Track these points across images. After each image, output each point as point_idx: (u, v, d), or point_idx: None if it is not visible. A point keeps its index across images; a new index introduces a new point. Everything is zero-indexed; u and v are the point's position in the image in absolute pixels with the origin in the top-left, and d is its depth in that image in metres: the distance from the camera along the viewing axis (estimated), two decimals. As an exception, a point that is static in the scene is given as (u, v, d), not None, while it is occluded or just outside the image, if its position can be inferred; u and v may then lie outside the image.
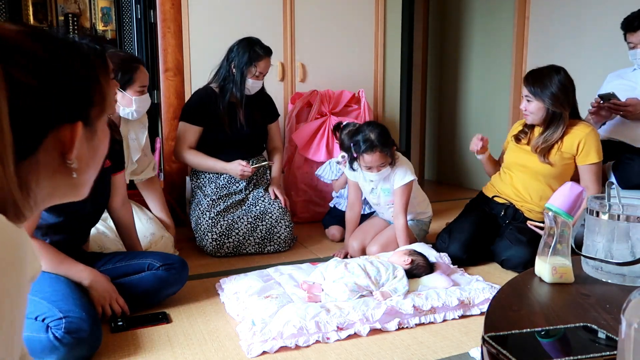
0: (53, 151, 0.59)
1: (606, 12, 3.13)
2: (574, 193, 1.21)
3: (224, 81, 2.58)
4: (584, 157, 2.26)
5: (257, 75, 2.57)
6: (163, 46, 3.02)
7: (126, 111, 2.15)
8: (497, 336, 0.81)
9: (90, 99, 0.63)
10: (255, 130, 2.71)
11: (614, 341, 0.80)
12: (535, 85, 2.23)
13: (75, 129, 0.60)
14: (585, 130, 2.24)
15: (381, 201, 2.50)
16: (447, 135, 4.64)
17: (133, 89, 2.10)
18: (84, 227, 1.86)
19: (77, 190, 0.65)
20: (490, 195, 2.47)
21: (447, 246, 2.32)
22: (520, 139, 2.39)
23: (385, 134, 2.30)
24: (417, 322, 1.73)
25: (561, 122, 2.22)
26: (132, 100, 2.12)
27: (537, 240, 2.13)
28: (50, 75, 0.57)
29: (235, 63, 2.55)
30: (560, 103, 2.20)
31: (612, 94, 2.45)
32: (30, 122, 0.55)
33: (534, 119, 2.29)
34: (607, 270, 1.15)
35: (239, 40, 2.58)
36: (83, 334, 1.43)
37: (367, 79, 3.59)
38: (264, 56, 2.56)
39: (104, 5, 4.87)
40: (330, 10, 3.43)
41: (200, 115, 2.57)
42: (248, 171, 2.54)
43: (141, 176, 2.43)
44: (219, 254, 2.49)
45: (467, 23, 4.30)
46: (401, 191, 2.36)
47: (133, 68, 2.08)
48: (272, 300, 1.76)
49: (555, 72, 2.23)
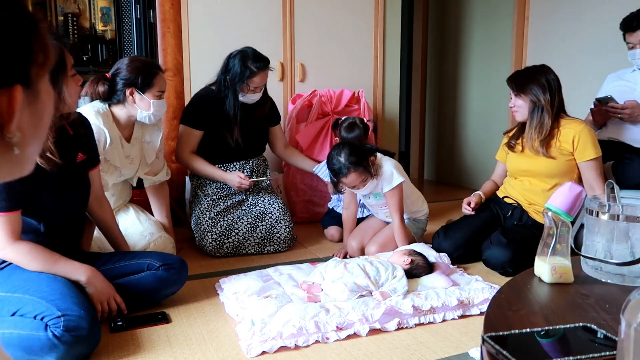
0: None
1: (605, 12, 3.13)
2: (573, 193, 1.22)
3: (220, 93, 2.56)
4: (581, 153, 2.24)
5: (253, 90, 2.54)
6: (162, 46, 3.02)
7: (143, 114, 2.18)
8: (497, 336, 0.81)
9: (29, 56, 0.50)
10: (255, 135, 2.70)
11: (613, 341, 0.80)
12: (517, 81, 2.31)
13: (13, 94, 0.48)
14: (578, 127, 2.23)
15: (374, 204, 2.50)
16: (446, 135, 4.64)
17: (152, 93, 2.15)
18: (71, 226, 1.82)
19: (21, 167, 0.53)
20: (501, 196, 2.49)
21: (439, 243, 2.37)
22: (513, 146, 2.40)
23: (355, 152, 2.23)
24: (417, 322, 1.73)
25: (544, 113, 2.24)
26: (151, 104, 2.16)
27: (519, 243, 2.17)
28: None
29: (229, 78, 2.51)
30: (539, 96, 2.24)
31: (610, 98, 2.45)
32: None
33: (522, 115, 2.31)
34: (606, 270, 1.15)
35: (234, 54, 2.52)
36: (82, 332, 1.43)
37: (366, 79, 3.59)
38: (257, 72, 2.48)
39: (103, 5, 4.87)
40: (330, 10, 3.43)
41: (200, 119, 2.57)
42: (245, 184, 2.54)
43: (155, 179, 2.44)
44: (219, 254, 2.49)
45: (466, 23, 4.30)
46: (391, 194, 2.34)
47: (154, 73, 2.15)
48: (271, 300, 1.76)
49: (535, 70, 2.30)
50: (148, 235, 2.29)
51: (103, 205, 1.97)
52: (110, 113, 2.17)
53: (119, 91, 2.13)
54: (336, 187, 2.38)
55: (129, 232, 2.26)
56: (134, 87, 2.12)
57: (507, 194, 2.46)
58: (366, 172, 2.25)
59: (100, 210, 1.95)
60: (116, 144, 2.16)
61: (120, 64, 2.16)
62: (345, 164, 2.20)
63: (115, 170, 2.21)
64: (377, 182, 2.33)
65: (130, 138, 2.27)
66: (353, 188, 2.32)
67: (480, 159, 4.22)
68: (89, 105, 2.15)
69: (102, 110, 2.14)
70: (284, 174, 3.22)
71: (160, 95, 2.19)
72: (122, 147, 2.21)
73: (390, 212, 2.38)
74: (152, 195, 2.51)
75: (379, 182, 2.34)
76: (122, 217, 2.31)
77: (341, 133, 2.73)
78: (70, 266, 1.64)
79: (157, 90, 2.16)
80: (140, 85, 2.12)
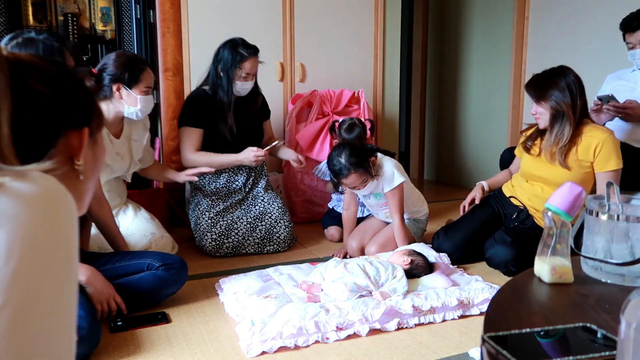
0: (64, 155, 0.70)
1: (605, 12, 3.13)
2: (573, 193, 1.21)
3: (214, 86, 2.56)
4: (601, 163, 2.13)
5: (245, 76, 2.54)
6: (162, 46, 3.02)
7: (131, 110, 2.16)
8: (497, 336, 0.81)
9: (92, 110, 0.75)
10: (251, 130, 2.71)
11: (613, 341, 0.80)
12: (536, 88, 2.20)
13: (82, 133, 0.71)
14: (602, 135, 2.12)
15: (374, 204, 2.50)
16: (446, 135, 4.64)
17: (139, 89, 2.13)
18: None
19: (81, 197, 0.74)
20: (508, 195, 2.43)
21: (440, 243, 2.36)
22: (529, 148, 2.31)
23: (355, 153, 2.23)
24: (417, 322, 1.73)
25: (565, 121, 2.13)
26: (137, 100, 2.14)
27: (523, 242, 2.15)
28: (59, 85, 0.69)
29: (221, 67, 2.52)
30: (559, 101, 2.13)
31: (611, 96, 2.45)
32: (45, 125, 0.66)
33: (544, 122, 2.20)
34: (606, 270, 1.15)
35: (223, 43, 2.56)
36: (82, 332, 1.44)
37: (366, 79, 3.59)
38: (248, 57, 2.51)
39: (103, 5, 4.87)
40: (330, 10, 3.43)
41: (198, 117, 2.57)
42: (261, 155, 2.51)
43: (143, 165, 2.47)
44: (219, 254, 2.49)
45: (466, 23, 4.31)
46: (392, 194, 2.34)
47: (140, 68, 2.14)
48: (271, 300, 1.76)
49: (556, 73, 2.18)
50: (149, 235, 2.30)
51: (102, 205, 1.97)
52: None
53: (105, 87, 2.11)
54: (336, 187, 2.38)
55: (130, 231, 2.26)
56: (120, 83, 2.10)
57: (514, 195, 2.40)
58: (366, 173, 2.25)
59: (100, 210, 1.95)
60: (105, 141, 2.15)
61: (107, 59, 2.13)
62: (346, 165, 2.20)
63: (107, 167, 2.20)
64: (377, 182, 2.33)
65: (120, 135, 2.26)
66: (353, 189, 2.32)
67: (480, 159, 4.22)
68: None
69: None
70: (284, 174, 3.22)
71: (147, 91, 2.17)
72: (111, 143, 2.20)
73: (391, 212, 2.38)
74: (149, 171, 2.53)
75: (379, 182, 2.34)
76: (122, 217, 2.31)
77: (342, 134, 2.73)
78: None
79: (144, 86, 2.14)
80: (127, 80, 2.10)
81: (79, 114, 0.72)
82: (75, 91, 0.72)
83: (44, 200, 0.55)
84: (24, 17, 4.48)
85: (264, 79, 2.65)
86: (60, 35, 3.12)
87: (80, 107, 0.72)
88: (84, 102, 0.73)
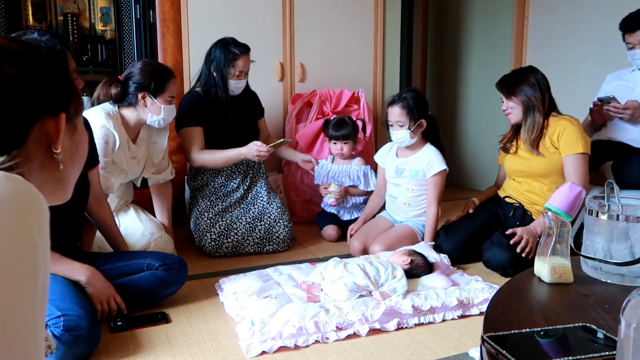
0: (40, 143, 0.64)
1: (605, 13, 3.13)
2: (573, 193, 1.22)
3: (207, 86, 2.58)
4: (565, 147, 2.22)
5: (238, 74, 2.55)
6: (162, 46, 3.02)
7: (154, 119, 2.21)
8: (497, 336, 0.81)
9: (69, 94, 0.69)
10: (247, 128, 2.71)
11: (613, 341, 0.80)
12: (507, 84, 2.37)
13: (59, 120, 0.66)
14: (565, 122, 2.24)
15: (402, 184, 2.53)
16: (446, 135, 4.64)
17: (163, 98, 2.19)
18: (70, 226, 1.82)
19: (62, 185, 0.70)
20: (502, 196, 2.51)
21: (439, 243, 2.40)
22: (508, 149, 2.45)
23: (418, 100, 2.41)
24: (417, 322, 1.73)
25: (536, 112, 2.27)
26: (161, 109, 2.19)
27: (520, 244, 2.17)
28: (32, 68, 0.64)
29: (214, 66, 2.54)
30: (530, 96, 2.28)
31: (612, 97, 2.45)
32: (18, 111, 0.61)
33: (516, 116, 2.34)
34: (606, 270, 1.15)
35: (214, 43, 2.58)
36: (82, 332, 1.44)
37: (366, 79, 3.59)
38: (240, 54, 2.53)
39: (103, 5, 4.87)
40: (330, 10, 3.43)
41: (196, 116, 2.57)
42: (264, 151, 2.50)
43: (160, 177, 2.45)
44: (218, 254, 2.49)
45: (466, 23, 4.31)
46: (434, 180, 2.45)
47: (166, 78, 2.20)
48: (271, 300, 1.76)
49: (523, 71, 2.36)
50: (148, 235, 2.29)
51: (102, 205, 1.97)
52: (119, 116, 2.18)
53: (130, 94, 2.16)
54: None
55: (129, 231, 2.26)
56: (146, 92, 2.15)
57: (507, 194, 2.47)
58: (411, 118, 2.40)
59: (100, 210, 1.95)
60: (123, 146, 2.17)
61: (133, 68, 2.19)
62: (406, 96, 2.37)
63: (122, 172, 2.21)
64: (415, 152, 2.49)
65: (136, 139, 2.28)
66: (391, 127, 2.43)
67: (481, 159, 4.22)
68: (100, 107, 2.16)
69: (112, 112, 2.15)
70: (284, 173, 3.22)
71: (170, 101, 2.23)
72: (128, 149, 2.22)
73: (429, 201, 2.47)
74: (156, 194, 2.51)
75: (424, 156, 2.46)
76: (122, 217, 2.31)
77: (329, 130, 2.76)
78: (70, 266, 1.64)
79: (168, 95, 2.21)
80: (152, 89, 2.16)
81: (54, 99, 0.66)
82: (50, 74, 0.66)
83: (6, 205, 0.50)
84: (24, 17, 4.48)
85: (264, 79, 2.65)
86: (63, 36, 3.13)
87: (55, 92, 0.66)
88: (59, 85, 0.68)
